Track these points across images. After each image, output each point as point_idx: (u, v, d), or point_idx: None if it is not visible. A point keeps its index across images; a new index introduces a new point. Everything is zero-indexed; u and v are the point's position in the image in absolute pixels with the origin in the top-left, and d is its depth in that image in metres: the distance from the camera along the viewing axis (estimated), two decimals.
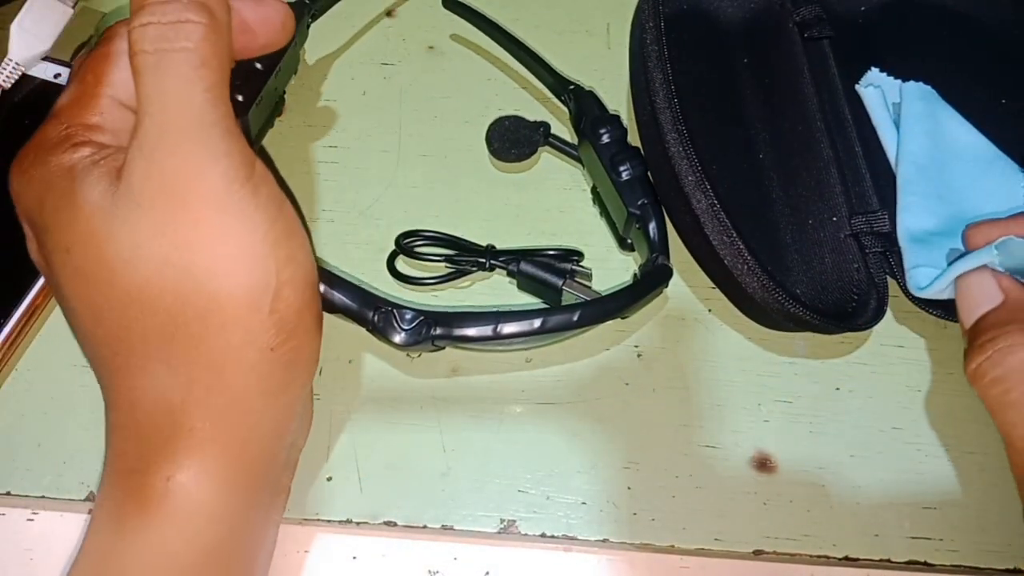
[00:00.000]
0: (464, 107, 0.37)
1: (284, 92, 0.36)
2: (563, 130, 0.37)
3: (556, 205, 0.35)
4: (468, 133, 0.37)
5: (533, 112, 0.37)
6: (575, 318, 0.27)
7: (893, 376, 0.32)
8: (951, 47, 0.37)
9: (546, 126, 0.35)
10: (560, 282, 0.31)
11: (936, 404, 0.31)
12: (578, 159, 0.35)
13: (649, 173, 0.32)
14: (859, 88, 0.35)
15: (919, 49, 0.36)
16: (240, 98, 0.31)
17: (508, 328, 0.27)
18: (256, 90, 0.32)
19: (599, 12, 0.40)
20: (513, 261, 0.32)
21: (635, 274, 0.33)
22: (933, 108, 0.34)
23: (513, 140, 0.35)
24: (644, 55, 0.32)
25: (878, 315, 0.30)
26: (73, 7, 0.35)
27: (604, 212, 0.34)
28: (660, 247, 0.31)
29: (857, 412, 0.31)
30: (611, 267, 0.34)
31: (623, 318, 0.32)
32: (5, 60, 0.34)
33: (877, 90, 0.34)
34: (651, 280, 0.30)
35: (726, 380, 0.31)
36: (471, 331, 0.27)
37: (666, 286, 0.31)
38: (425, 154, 0.36)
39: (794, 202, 0.33)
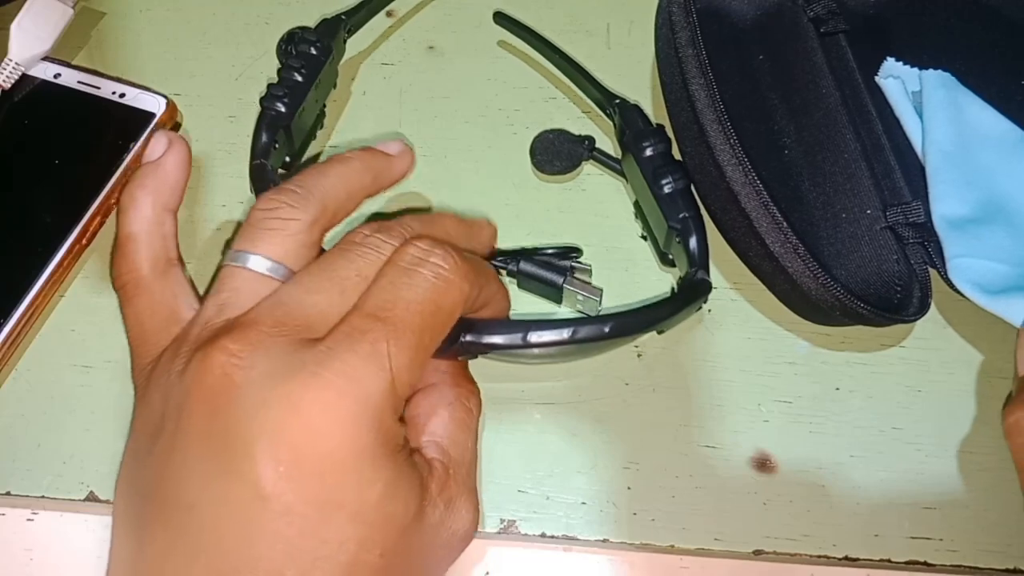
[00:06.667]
0: (464, 107, 0.37)
1: (324, 105, 0.37)
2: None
3: (556, 205, 0.35)
4: (468, 133, 0.37)
5: (533, 112, 0.37)
6: (607, 329, 0.27)
7: (893, 376, 0.32)
8: (965, 32, 0.37)
9: (591, 140, 0.35)
10: (561, 279, 0.31)
11: (936, 404, 0.31)
12: (621, 173, 0.35)
13: (692, 186, 0.32)
14: (879, 80, 0.35)
15: (934, 36, 0.36)
16: (283, 108, 0.32)
17: (538, 337, 0.26)
18: (298, 101, 0.33)
19: (599, 12, 0.40)
20: (512, 261, 0.31)
21: (673, 288, 0.33)
22: (954, 95, 0.34)
23: (557, 153, 0.35)
24: (680, 57, 0.32)
25: (923, 306, 0.30)
26: (73, 7, 0.36)
27: (646, 226, 0.34)
28: (700, 261, 0.30)
29: (857, 412, 0.31)
30: (608, 265, 0.34)
31: (659, 332, 0.31)
32: (5, 60, 0.34)
33: (897, 80, 0.34)
34: (690, 293, 0.30)
35: (726, 380, 0.31)
36: (500, 339, 0.26)
37: (705, 301, 0.30)
38: (425, 154, 0.36)
39: (825, 198, 0.33)
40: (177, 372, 0.23)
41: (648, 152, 0.32)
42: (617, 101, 0.35)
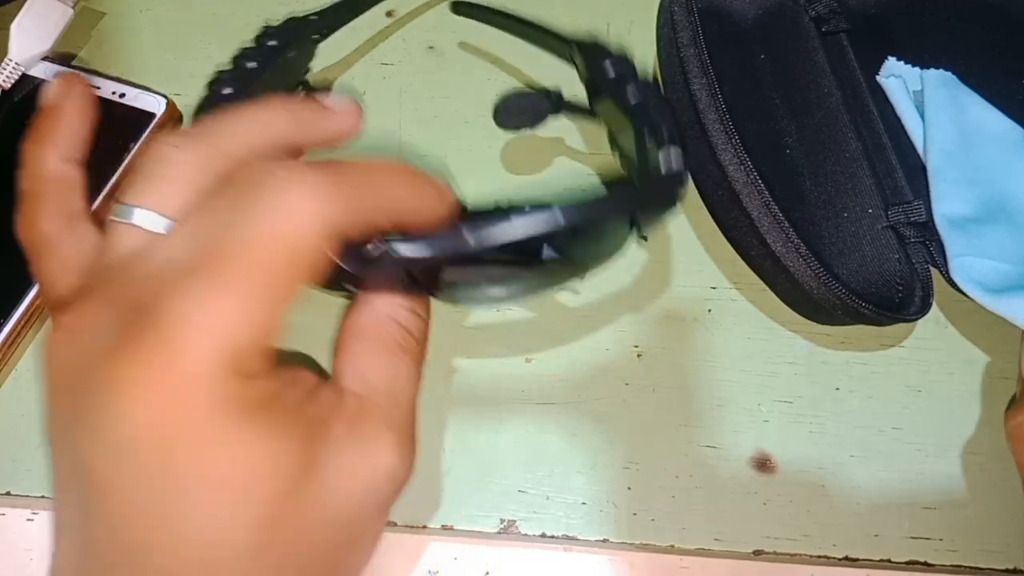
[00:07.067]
0: (464, 107, 0.37)
1: None
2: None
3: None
4: (468, 133, 0.37)
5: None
6: (576, 215, 0.22)
7: (893, 376, 0.32)
8: (966, 31, 0.37)
9: (556, 92, 0.33)
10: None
11: (936, 404, 0.31)
12: (593, 115, 0.33)
13: (660, 90, 0.30)
14: (880, 79, 0.35)
15: (935, 36, 0.36)
16: (230, 91, 0.30)
17: (477, 235, 0.21)
18: (245, 88, 0.31)
19: (599, 12, 0.40)
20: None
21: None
22: (955, 94, 0.34)
23: (520, 107, 0.33)
24: (682, 57, 0.32)
25: (925, 305, 0.30)
26: (73, 7, 0.36)
27: (623, 157, 0.32)
28: (671, 142, 0.26)
29: (857, 412, 0.31)
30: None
31: (641, 234, 0.27)
32: (5, 60, 0.34)
33: (899, 80, 0.34)
34: (666, 177, 0.26)
35: (726, 380, 0.31)
36: (425, 248, 0.21)
37: (682, 186, 0.26)
38: (425, 154, 0.36)
39: (827, 197, 0.33)
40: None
41: (611, 74, 0.30)
42: (574, 42, 0.33)
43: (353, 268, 0.21)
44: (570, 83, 0.34)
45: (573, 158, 0.36)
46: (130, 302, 0.20)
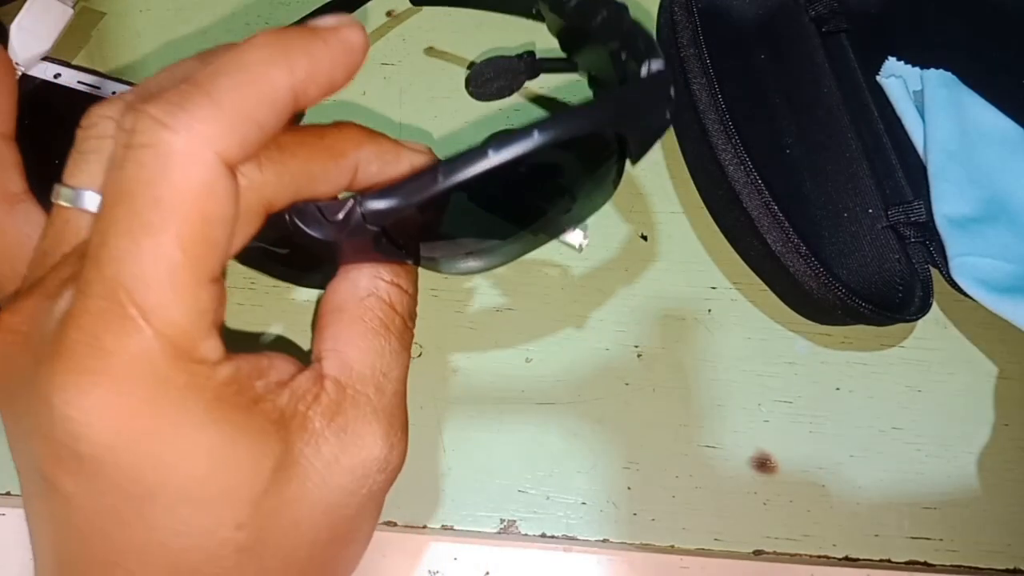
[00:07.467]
0: (464, 107, 0.37)
1: None
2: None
3: None
4: (469, 133, 0.37)
5: (534, 112, 0.37)
6: (550, 132, 0.19)
7: (893, 376, 0.32)
8: (966, 32, 0.37)
9: (528, 53, 0.31)
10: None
11: (936, 404, 0.31)
12: (574, 67, 0.31)
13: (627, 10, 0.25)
14: (880, 79, 0.35)
15: (935, 35, 0.37)
16: None
17: (447, 171, 0.19)
18: None
19: None
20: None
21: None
22: (956, 94, 0.34)
23: (492, 73, 0.32)
24: (682, 57, 0.32)
25: (925, 305, 0.30)
26: (73, 7, 0.36)
27: (596, 88, 0.30)
28: (654, 53, 0.22)
29: (857, 412, 0.31)
30: (606, 263, 0.34)
31: (630, 157, 0.23)
32: None
33: (899, 80, 0.34)
34: (648, 80, 0.22)
35: (726, 380, 0.31)
36: (394, 197, 0.19)
37: (669, 87, 0.22)
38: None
39: (827, 197, 0.33)
40: None
41: (572, 3, 0.26)
42: None
43: (322, 234, 0.19)
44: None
45: None
46: (61, 293, 0.18)
